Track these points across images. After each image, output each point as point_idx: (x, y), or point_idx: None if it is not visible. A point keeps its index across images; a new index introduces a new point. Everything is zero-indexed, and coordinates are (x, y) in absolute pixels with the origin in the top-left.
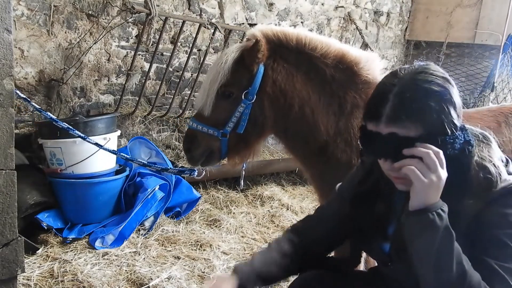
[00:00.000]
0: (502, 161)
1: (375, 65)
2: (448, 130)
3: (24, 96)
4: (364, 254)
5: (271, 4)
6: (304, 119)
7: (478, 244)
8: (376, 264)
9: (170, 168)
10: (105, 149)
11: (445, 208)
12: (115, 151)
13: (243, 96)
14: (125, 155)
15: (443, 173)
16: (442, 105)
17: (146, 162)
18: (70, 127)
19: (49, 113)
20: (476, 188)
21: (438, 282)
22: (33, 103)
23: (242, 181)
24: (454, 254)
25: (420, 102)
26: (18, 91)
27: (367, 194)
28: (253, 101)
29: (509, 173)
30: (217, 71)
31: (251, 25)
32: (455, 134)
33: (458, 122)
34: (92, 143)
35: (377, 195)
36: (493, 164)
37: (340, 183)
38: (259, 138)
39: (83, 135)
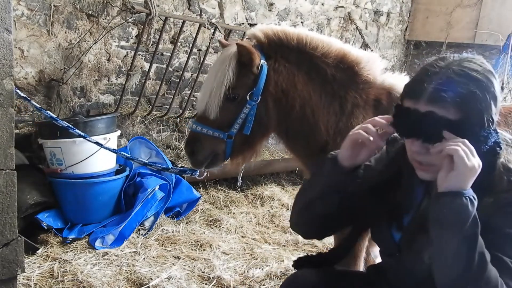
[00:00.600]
0: None
1: (376, 66)
2: (486, 122)
3: (25, 95)
4: (364, 254)
5: (271, 4)
6: (305, 118)
7: (494, 241)
8: (376, 262)
9: (172, 167)
10: (106, 148)
11: (476, 196)
12: (115, 150)
13: (248, 97)
14: (127, 154)
15: (480, 163)
16: (485, 95)
17: (147, 162)
18: (70, 125)
19: (49, 112)
20: (498, 188)
21: (457, 270)
22: (33, 102)
23: (240, 177)
24: (478, 244)
25: (465, 87)
26: (18, 90)
27: (387, 183)
28: (258, 101)
29: None
30: (222, 74)
31: (251, 25)
32: (490, 130)
33: (495, 118)
34: (93, 142)
35: (397, 185)
36: None
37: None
38: (262, 139)
39: (83, 134)
